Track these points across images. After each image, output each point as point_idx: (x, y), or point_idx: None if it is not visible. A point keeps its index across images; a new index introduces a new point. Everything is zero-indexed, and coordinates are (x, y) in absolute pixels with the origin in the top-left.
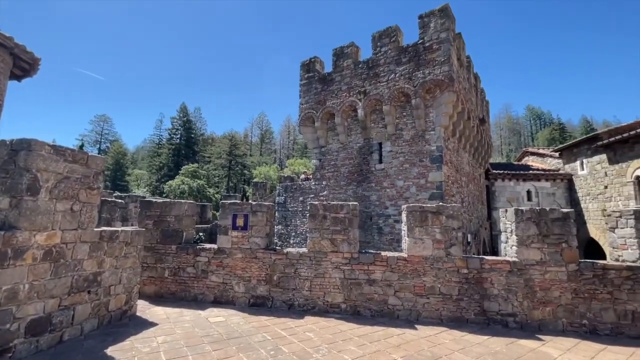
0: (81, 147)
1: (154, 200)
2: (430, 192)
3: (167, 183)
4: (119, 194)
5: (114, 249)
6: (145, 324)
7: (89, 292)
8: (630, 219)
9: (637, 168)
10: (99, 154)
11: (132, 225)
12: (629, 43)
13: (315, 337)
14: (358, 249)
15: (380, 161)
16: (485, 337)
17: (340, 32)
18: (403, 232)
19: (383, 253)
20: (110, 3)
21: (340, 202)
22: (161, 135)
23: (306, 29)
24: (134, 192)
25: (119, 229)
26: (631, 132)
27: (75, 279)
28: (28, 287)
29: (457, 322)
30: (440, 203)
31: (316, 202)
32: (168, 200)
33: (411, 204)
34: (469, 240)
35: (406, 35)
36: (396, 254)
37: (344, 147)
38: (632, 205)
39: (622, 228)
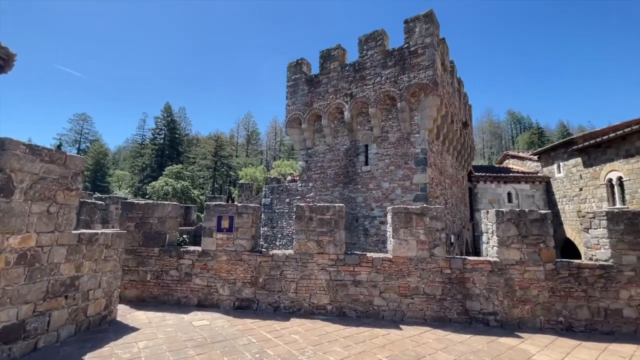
0: (59, 146)
1: (136, 201)
2: (415, 193)
3: (150, 184)
4: (99, 195)
5: (93, 252)
6: (126, 329)
7: (66, 297)
8: (602, 220)
9: (610, 171)
10: (78, 153)
11: (113, 227)
12: (603, 51)
13: (300, 339)
14: (344, 250)
15: (367, 163)
16: (468, 336)
17: (327, 34)
18: (388, 233)
19: (369, 254)
20: None
21: (326, 204)
22: (144, 135)
23: (293, 30)
24: (116, 194)
25: (99, 231)
26: (604, 137)
27: (51, 284)
28: (0, 293)
29: (440, 322)
30: (425, 205)
31: (302, 204)
32: (151, 201)
33: (396, 206)
34: (452, 241)
35: (392, 39)
36: (381, 255)
37: (331, 149)
38: (605, 206)
39: (595, 229)
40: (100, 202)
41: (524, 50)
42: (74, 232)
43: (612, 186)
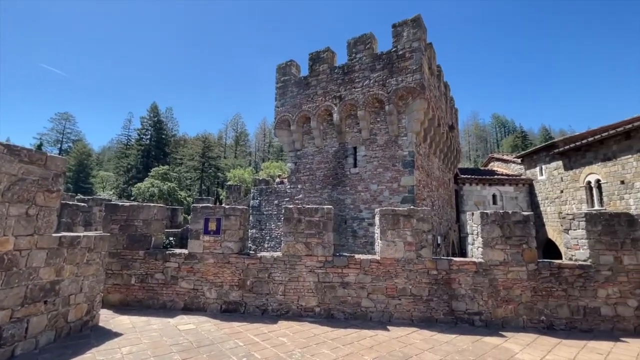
0: (39, 146)
1: (121, 203)
2: (402, 195)
3: (135, 185)
4: (82, 196)
5: (74, 255)
6: (109, 335)
7: (45, 302)
8: (581, 221)
9: (589, 174)
10: (60, 154)
11: (96, 230)
12: (584, 57)
13: (288, 342)
14: (332, 252)
15: (355, 165)
16: (454, 336)
17: (316, 36)
18: (376, 235)
19: (357, 256)
20: None
21: (315, 206)
22: (130, 136)
23: (283, 31)
24: (99, 195)
25: (81, 234)
26: (583, 141)
27: (29, 289)
28: None
29: (427, 322)
30: (412, 207)
31: (291, 206)
32: (136, 203)
33: (384, 208)
34: (438, 242)
35: (380, 43)
36: (369, 257)
37: (320, 150)
38: (584, 208)
39: (574, 230)
40: (82, 204)
41: (508, 55)
42: (54, 235)
43: (590, 188)
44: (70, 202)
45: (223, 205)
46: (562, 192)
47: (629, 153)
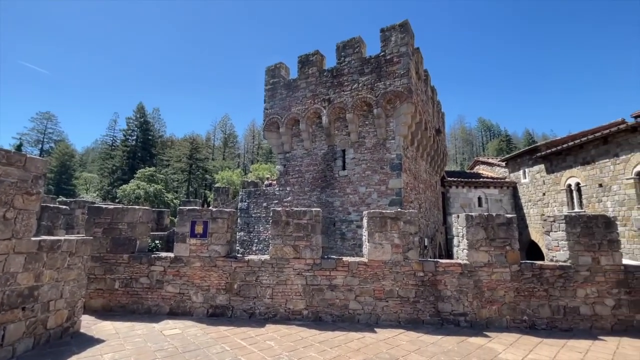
0: (19, 147)
1: (104, 206)
2: (390, 198)
3: (120, 187)
4: (64, 199)
5: (55, 260)
6: (91, 341)
7: (23, 308)
8: (562, 223)
9: (569, 177)
10: (41, 154)
11: (78, 233)
12: (565, 63)
13: (276, 346)
14: (320, 255)
15: (344, 168)
16: (439, 337)
17: (306, 39)
18: (364, 237)
19: (345, 258)
20: None
21: (303, 208)
22: (115, 137)
23: (273, 32)
24: (82, 197)
25: (62, 238)
26: (563, 145)
27: (7, 295)
28: None
29: (413, 324)
30: (399, 209)
31: (279, 208)
32: (120, 206)
33: (372, 210)
34: (426, 244)
35: (369, 46)
36: (357, 259)
37: (309, 153)
38: (565, 210)
39: (555, 231)
40: (64, 207)
41: (494, 61)
42: (33, 239)
43: (571, 191)
44: (51, 205)
45: (210, 207)
46: (544, 194)
47: (606, 157)
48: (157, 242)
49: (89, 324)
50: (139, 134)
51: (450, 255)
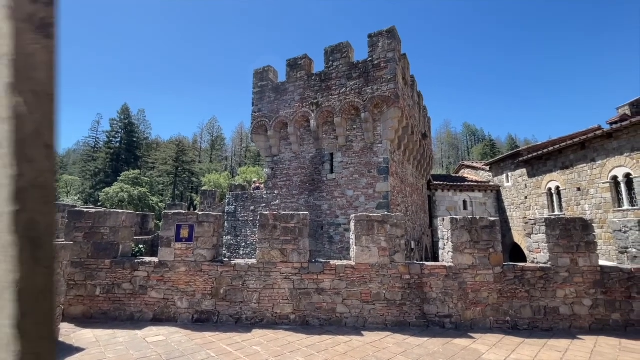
0: None
1: (86, 209)
2: (377, 201)
3: (103, 190)
4: None
5: None
6: (70, 350)
7: None
8: (542, 226)
9: (550, 181)
10: None
11: (57, 238)
12: (546, 69)
13: (262, 351)
14: (308, 259)
15: (332, 171)
16: (425, 339)
17: (294, 42)
18: (351, 240)
19: (332, 262)
20: None
21: (290, 212)
22: (98, 138)
23: (262, 35)
24: (62, 201)
25: None
26: (544, 150)
27: None
28: None
29: (400, 326)
30: (386, 212)
31: (266, 212)
32: (102, 210)
33: (359, 214)
34: (412, 247)
35: (357, 51)
36: (345, 263)
37: (297, 156)
38: (546, 213)
39: (536, 234)
40: None
41: (480, 68)
42: None
43: (551, 195)
44: None
45: (197, 211)
46: (526, 198)
47: (584, 162)
48: (141, 246)
49: (67, 332)
50: (123, 135)
51: (436, 258)
